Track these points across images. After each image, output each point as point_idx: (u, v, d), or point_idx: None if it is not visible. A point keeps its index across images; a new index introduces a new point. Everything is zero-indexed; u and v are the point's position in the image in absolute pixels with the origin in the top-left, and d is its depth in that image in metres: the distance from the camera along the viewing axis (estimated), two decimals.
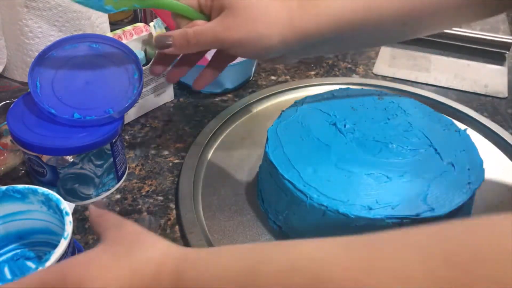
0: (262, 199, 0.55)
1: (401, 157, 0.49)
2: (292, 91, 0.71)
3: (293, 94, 0.71)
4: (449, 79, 0.75)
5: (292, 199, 0.48)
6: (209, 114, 0.67)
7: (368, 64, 0.78)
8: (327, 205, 0.45)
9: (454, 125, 0.55)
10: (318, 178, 0.47)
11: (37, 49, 0.59)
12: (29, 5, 0.57)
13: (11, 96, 0.59)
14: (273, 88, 0.71)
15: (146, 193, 0.56)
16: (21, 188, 0.42)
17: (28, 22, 0.58)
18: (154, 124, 0.66)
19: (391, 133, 0.52)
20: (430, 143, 0.51)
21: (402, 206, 0.45)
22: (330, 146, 0.51)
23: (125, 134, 0.64)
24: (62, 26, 0.60)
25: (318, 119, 0.55)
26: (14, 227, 0.44)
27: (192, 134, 0.64)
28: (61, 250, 0.37)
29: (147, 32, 0.63)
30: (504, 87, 0.74)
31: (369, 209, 0.45)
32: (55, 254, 0.36)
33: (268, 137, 0.53)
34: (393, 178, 0.47)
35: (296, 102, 0.58)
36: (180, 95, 0.71)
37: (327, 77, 0.75)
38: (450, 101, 0.69)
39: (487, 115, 0.68)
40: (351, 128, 0.53)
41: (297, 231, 0.50)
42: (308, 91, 0.71)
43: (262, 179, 0.56)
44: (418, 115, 0.56)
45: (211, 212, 0.54)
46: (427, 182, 0.47)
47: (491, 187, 0.57)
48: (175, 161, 0.60)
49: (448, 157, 0.50)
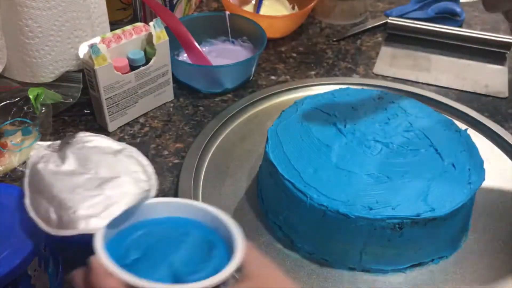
0: (262, 199, 0.55)
1: (402, 157, 0.49)
2: (292, 91, 0.71)
3: (293, 94, 0.71)
4: (449, 79, 0.75)
5: (292, 199, 0.47)
6: (209, 114, 0.67)
7: (368, 64, 0.78)
8: (327, 205, 0.45)
9: (455, 125, 0.55)
10: (318, 178, 0.47)
11: (36, 49, 0.59)
12: (29, 5, 0.56)
13: (11, 96, 0.59)
14: (273, 88, 0.71)
15: None
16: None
17: (28, 22, 0.57)
18: (154, 124, 0.66)
19: (391, 133, 0.52)
20: (430, 143, 0.51)
21: (403, 206, 0.45)
22: (330, 146, 0.51)
23: (125, 134, 0.64)
24: (62, 26, 0.59)
25: (318, 119, 0.54)
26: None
27: (192, 134, 0.64)
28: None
29: (146, 32, 0.63)
30: (504, 87, 0.73)
31: (369, 209, 0.44)
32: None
33: (268, 137, 0.53)
34: (393, 178, 0.47)
35: (296, 102, 0.58)
36: (180, 95, 0.71)
37: (327, 77, 0.75)
38: (451, 101, 0.69)
39: (488, 115, 0.68)
40: (351, 128, 0.53)
41: (297, 231, 0.50)
42: (308, 91, 0.71)
43: (262, 179, 0.56)
44: (419, 115, 0.55)
45: None
46: (427, 182, 0.47)
47: (492, 187, 0.57)
48: (175, 161, 0.60)
49: (448, 157, 0.50)
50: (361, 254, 0.47)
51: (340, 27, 0.88)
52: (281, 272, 0.35)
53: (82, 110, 0.66)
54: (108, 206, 0.39)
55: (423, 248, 0.48)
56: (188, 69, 0.70)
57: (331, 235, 0.47)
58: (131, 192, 0.40)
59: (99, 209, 0.38)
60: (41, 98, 0.59)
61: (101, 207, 0.38)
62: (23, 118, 0.59)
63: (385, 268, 0.48)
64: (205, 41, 0.78)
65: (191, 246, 0.39)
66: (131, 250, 0.38)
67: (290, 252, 0.50)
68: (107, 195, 0.39)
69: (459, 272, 0.49)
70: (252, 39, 0.76)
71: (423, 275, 0.49)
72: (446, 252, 0.50)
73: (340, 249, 0.48)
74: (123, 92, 0.62)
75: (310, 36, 0.85)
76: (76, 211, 0.37)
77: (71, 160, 0.42)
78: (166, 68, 0.66)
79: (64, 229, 0.37)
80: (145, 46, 0.64)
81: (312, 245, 0.49)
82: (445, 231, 0.47)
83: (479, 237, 0.52)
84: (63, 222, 0.38)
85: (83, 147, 0.43)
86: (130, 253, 0.38)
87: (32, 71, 0.62)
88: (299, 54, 0.80)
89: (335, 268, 0.49)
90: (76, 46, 0.62)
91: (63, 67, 0.63)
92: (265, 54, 0.80)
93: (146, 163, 0.44)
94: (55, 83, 0.63)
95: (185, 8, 0.85)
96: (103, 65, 0.58)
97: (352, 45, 0.83)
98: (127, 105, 0.64)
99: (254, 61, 0.71)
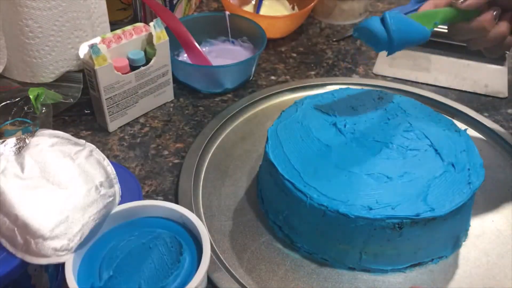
0: (262, 199, 0.55)
1: (401, 157, 0.49)
2: (292, 91, 0.71)
3: (293, 94, 0.71)
4: (449, 79, 0.75)
5: (292, 199, 0.48)
6: (209, 114, 0.67)
7: (368, 64, 0.78)
8: (327, 205, 0.45)
9: (454, 125, 0.55)
10: (318, 178, 0.47)
11: (37, 49, 0.59)
12: (29, 5, 0.57)
13: (11, 96, 0.59)
14: (273, 88, 0.71)
15: (146, 193, 0.56)
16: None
17: (28, 22, 0.57)
18: (154, 124, 0.66)
19: (391, 133, 0.52)
20: (430, 143, 0.51)
21: (402, 206, 0.45)
22: (330, 146, 0.51)
23: (125, 134, 0.64)
24: (62, 26, 0.60)
25: (318, 119, 0.54)
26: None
27: (192, 134, 0.64)
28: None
29: (147, 32, 0.63)
30: (504, 87, 0.74)
31: (369, 209, 0.45)
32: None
33: (268, 137, 0.53)
34: (393, 178, 0.47)
35: (296, 102, 0.58)
36: (180, 95, 0.71)
37: (327, 77, 0.75)
38: (450, 101, 0.69)
39: (487, 115, 0.68)
40: (351, 128, 0.53)
41: (297, 231, 0.50)
42: (308, 91, 0.71)
43: (262, 179, 0.56)
44: (418, 115, 0.56)
45: (211, 212, 0.54)
46: (427, 182, 0.47)
47: (491, 187, 0.57)
48: (175, 161, 0.60)
49: (448, 157, 0.50)
50: (361, 254, 0.47)
51: (340, 27, 0.88)
52: None
53: (82, 110, 0.66)
54: (73, 226, 0.38)
55: (423, 248, 0.48)
56: (188, 69, 0.71)
57: (331, 235, 0.47)
58: (95, 207, 0.40)
59: (66, 233, 0.38)
60: (42, 98, 0.59)
61: (68, 230, 0.38)
62: (24, 118, 0.59)
63: (385, 268, 0.48)
64: (205, 41, 0.78)
65: (160, 253, 0.40)
66: (103, 270, 0.39)
67: (290, 252, 0.50)
68: (71, 215, 0.39)
69: (459, 272, 0.49)
70: (252, 39, 0.76)
71: (423, 275, 0.49)
72: (446, 252, 0.50)
73: (340, 249, 0.48)
74: (123, 92, 0.62)
75: (310, 36, 0.85)
76: (44, 239, 0.37)
77: (30, 167, 0.41)
78: (166, 68, 0.66)
79: (33, 256, 0.37)
80: (145, 46, 0.64)
81: (312, 245, 0.49)
82: (445, 231, 0.48)
83: (479, 237, 0.52)
84: (31, 249, 0.37)
85: (41, 150, 0.42)
86: (103, 273, 0.39)
87: (32, 71, 0.62)
88: (299, 54, 0.80)
89: (335, 268, 0.49)
90: (76, 46, 0.62)
91: (64, 67, 0.63)
92: (265, 54, 0.80)
93: (106, 163, 0.43)
94: (56, 83, 0.63)
95: (185, 8, 0.85)
96: (104, 65, 0.58)
97: (352, 45, 0.83)
98: (127, 105, 0.64)
99: (254, 61, 0.71)
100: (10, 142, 0.44)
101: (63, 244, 0.38)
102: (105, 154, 0.55)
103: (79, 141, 0.44)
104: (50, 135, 0.44)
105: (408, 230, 0.45)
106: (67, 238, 0.38)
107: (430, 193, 0.46)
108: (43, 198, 0.39)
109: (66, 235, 0.38)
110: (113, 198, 0.42)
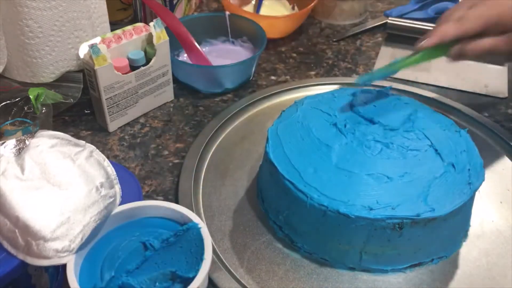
0: (262, 199, 0.55)
1: (402, 157, 0.49)
2: (292, 91, 0.71)
3: (293, 94, 0.71)
4: (449, 79, 0.75)
5: (292, 199, 0.48)
6: (209, 114, 0.67)
7: (368, 64, 0.78)
8: (327, 205, 0.45)
9: (455, 125, 0.55)
10: (318, 178, 0.47)
11: (37, 49, 0.59)
12: (30, 5, 0.57)
13: (12, 96, 0.59)
14: (273, 88, 0.71)
15: (146, 193, 0.56)
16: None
17: (29, 22, 0.57)
18: (154, 124, 0.66)
19: (391, 133, 0.52)
20: (430, 143, 0.51)
21: (403, 206, 0.45)
22: (330, 146, 0.51)
23: (125, 134, 0.64)
24: (63, 26, 0.60)
25: (318, 119, 0.54)
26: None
27: (192, 134, 0.64)
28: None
29: (147, 32, 0.63)
30: (504, 87, 0.74)
31: (369, 209, 0.45)
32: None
33: (268, 137, 0.53)
34: (393, 178, 0.47)
35: (296, 102, 0.58)
36: (180, 95, 0.71)
37: (327, 77, 0.75)
38: (450, 101, 0.69)
39: (488, 115, 0.68)
40: (351, 128, 0.53)
41: (297, 231, 0.50)
42: (308, 91, 0.71)
43: (262, 179, 0.56)
44: (419, 115, 0.55)
45: (211, 212, 0.54)
46: (427, 183, 0.47)
47: (491, 187, 0.57)
48: (175, 161, 0.60)
49: (448, 158, 0.50)
50: (361, 254, 0.47)
51: (340, 27, 0.88)
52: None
53: (82, 110, 0.66)
54: (74, 227, 0.38)
55: (423, 248, 0.48)
56: (188, 69, 0.71)
57: (331, 235, 0.47)
58: (96, 208, 0.40)
59: (68, 234, 0.38)
60: (42, 98, 0.59)
61: (69, 231, 0.38)
62: (24, 118, 0.59)
63: (385, 268, 0.48)
64: (205, 41, 0.78)
65: (158, 257, 0.41)
66: (105, 271, 0.39)
67: (290, 252, 0.50)
68: (72, 216, 0.39)
69: (459, 272, 0.49)
70: (252, 39, 0.76)
71: (423, 275, 0.49)
72: (446, 252, 0.50)
73: (340, 249, 0.48)
74: (123, 92, 0.62)
75: (310, 36, 0.85)
76: (45, 241, 0.37)
77: (31, 168, 0.41)
78: (166, 68, 0.66)
79: (35, 258, 0.37)
80: (145, 46, 0.64)
81: (312, 245, 0.49)
82: (445, 231, 0.48)
83: (479, 237, 0.52)
84: (32, 251, 0.37)
85: (42, 151, 0.42)
86: (104, 274, 0.39)
87: (33, 71, 0.62)
88: (299, 54, 0.80)
89: (335, 268, 0.49)
90: (76, 46, 0.62)
91: (64, 67, 0.63)
92: (265, 54, 0.80)
93: (106, 164, 0.43)
94: (56, 83, 0.63)
95: (185, 8, 0.85)
96: (104, 65, 0.58)
97: (352, 45, 0.83)
98: (127, 105, 0.64)
99: (254, 61, 0.71)
100: (10, 143, 0.43)
101: (65, 245, 0.38)
102: (105, 154, 0.55)
103: (79, 142, 0.44)
104: (50, 136, 0.43)
105: (408, 230, 0.45)
106: (68, 239, 0.38)
107: (430, 193, 0.46)
108: (43, 199, 0.39)
109: (67, 236, 0.38)
110: (113, 198, 0.42)
